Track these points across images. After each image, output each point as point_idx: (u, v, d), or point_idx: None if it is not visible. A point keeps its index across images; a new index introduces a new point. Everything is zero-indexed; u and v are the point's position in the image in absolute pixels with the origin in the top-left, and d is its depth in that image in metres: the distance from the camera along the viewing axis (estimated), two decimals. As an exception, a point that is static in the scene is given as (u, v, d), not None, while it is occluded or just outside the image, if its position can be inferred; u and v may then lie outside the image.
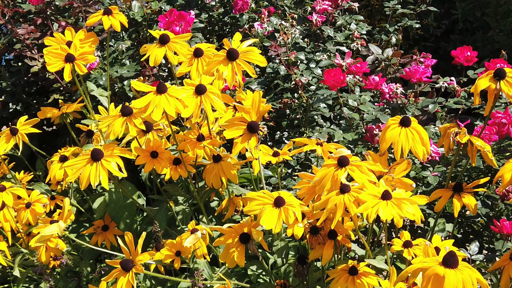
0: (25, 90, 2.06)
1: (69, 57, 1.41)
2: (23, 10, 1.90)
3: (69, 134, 2.10)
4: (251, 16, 1.97)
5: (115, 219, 1.56)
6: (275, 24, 1.97)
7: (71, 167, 1.29)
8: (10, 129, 1.61)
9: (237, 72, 1.33)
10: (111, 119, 1.32)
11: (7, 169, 1.73)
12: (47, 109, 1.64)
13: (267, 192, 1.19)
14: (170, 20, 1.65)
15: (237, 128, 1.21)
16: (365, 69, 1.71)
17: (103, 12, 1.49)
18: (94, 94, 1.57)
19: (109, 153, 1.29)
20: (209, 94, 1.30)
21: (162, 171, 1.38)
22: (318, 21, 2.00)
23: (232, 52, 1.33)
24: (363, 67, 1.70)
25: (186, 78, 1.79)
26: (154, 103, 1.25)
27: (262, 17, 1.83)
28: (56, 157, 1.53)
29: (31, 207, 1.47)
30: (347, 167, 1.14)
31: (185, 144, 1.38)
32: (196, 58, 1.42)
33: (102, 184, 1.26)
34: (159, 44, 1.40)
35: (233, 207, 1.49)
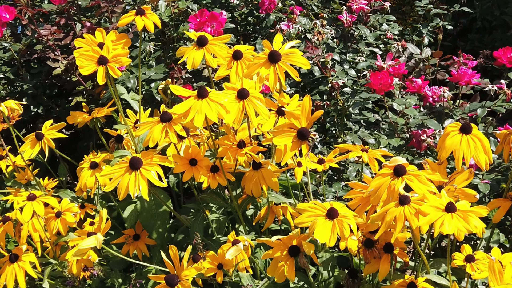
0: (46, 92, 1.99)
1: (102, 59, 1.35)
2: (46, 10, 1.83)
3: (91, 138, 2.04)
4: (277, 16, 1.91)
5: (147, 228, 1.49)
6: (303, 24, 1.91)
7: (108, 176, 1.23)
8: (36, 134, 1.55)
9: (280, 75, 1.27)
10: (149, 125, 1.25)
11: (32, 175, 1.66)
12: (77, 113, 1.58)
13: (318, 203, 1.12)
14: (202, 21, 1.59)
15: (286, 135, 1.15)
16: (403, 71, 1.65)
17: (136, 12, 1.43)
18: (125, 97, 1.51)
19: (148, 161, 1.22)
20: (252, 98, 1.23)
21: (201, 179, 1.31)
22: (349, 21, 1.93)
23: (274, 54, 1.27)
24: (400, 68, 1.64)
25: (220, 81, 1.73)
26: (195, 108, 1.19)
27: (294, 17, 1.76)
28: (86, 163, 1.47)
29: (61, 217, 1.40)
30: (405, 177, 1.08)
31: (225, 150, 1.32)
32: (235, 61, 1.36)
33: (142, 194, 1.20)
34: (197, 46, 1.33)
35: (272, 216, 1.43)
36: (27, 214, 1.34)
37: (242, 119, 1.23)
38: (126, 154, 1.51)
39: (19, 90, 1.99)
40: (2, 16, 1.74)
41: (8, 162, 1.72)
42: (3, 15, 1.75)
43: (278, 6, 1.87)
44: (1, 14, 1.74)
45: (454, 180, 1.11)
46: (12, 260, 1.33)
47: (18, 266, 1.33)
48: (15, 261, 1.34)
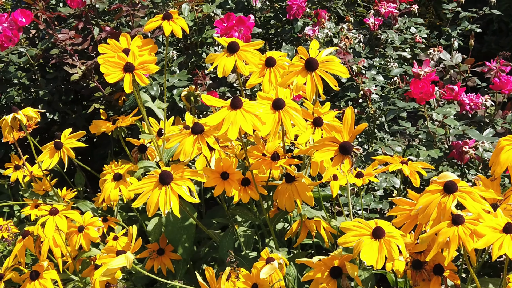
0: (61, 98, 1.93)
1: (129, 66, 1.28)
2: (63, 14, 1.77)
3: (108, 145, 1.97)
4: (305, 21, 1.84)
5: (173, 243, 1.42)
6: (329, 28, 1.84)
7: (136, 191, 1.16)
8: (54, 143, 1.49)
9: (318, 84, 1.20)
10: (180, 137, 1.19)
11: (50, 185, 1.60)
12: (100, 122, 1.51)
13: (363, 221, 1.06)
14: (229, 26, 1.52)
15: (328, 149, 1.08)
16: (433, 77, 1.58)
17: (163, 16, 1.36)
18: (149, 105, 1.44)
19: (179, 175, 1.16)
20: (288, 109, 1.17)
21: (232, 193, 1.25)
22: (375, 24, 1.87)
23: (312, 62, 1.20)
24: (431, 74, 1.57)
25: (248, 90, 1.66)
26: (229, 120, 1.13)
27: (322, 21, 1.69)
28: (109, 175, 1.40)
29: (84, 231, 1.34)
30: (456, 194, 1.01)
31: (259, 163, 1.25)
32: (268, 68, 1.30)
33: (173, 211, 1.13)
34: (228, 52, 1.27)
35: (305, 231, 1.36)
36: (50, 230, 1.27)
37: (278, 130, 1.16)
38: (150, 165, 1.44)
39: (33, 96, 1.92)
40: (18, 20, 1.68)
41: (25, 172, 1.66)
42: (20, 19, 1.68)
43: (306, 12, 1.80)
44: (17, 18, 1.68)
45: (509, 197, 1.05)
46: (33, 278, 1.27)
47: (39, 283, 1.27)
48: (36, 278, 1.27)
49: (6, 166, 1.69)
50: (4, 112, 1.92)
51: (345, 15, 1.93)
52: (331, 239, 1.36)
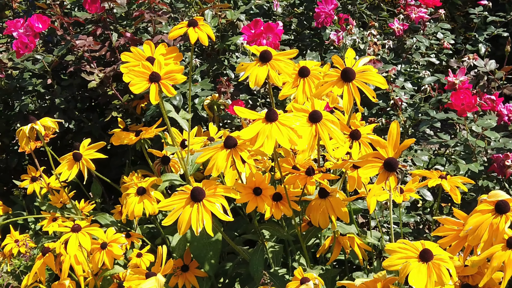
0: (76, 106, 1.87)
1: (154, 76, 1.22)
2: (82, 19, 1.71)
3: (125, 154, 1.92)
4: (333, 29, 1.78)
5: (198, 259, 1.36)
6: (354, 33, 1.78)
7: (166, 208, 1.10)
8: (73, 154, 1.43)
9: (355, 95, 1.14)
10: (212, 151, 1.13)
11: (68, 198, 1.54)
12: (122, 133, 1.45)
13: (409, 242, 1.00)
14: (257, 33, 1.46)
15: (372, 166, 1.02)
16: (467, 85, 1.52)
17: (188, 23, 1.30)
18: (173, 116, 1.38)
19: (212, 192, 1.10)
20: (325, 122, 1.11)
21: (264, 209, 1.19)
22: (400, 30, 1.81)
23: (349, 72, 1.14)
24: (465, 83, 1.51)
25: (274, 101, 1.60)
26: (264, 133, 1.07)
27: (350, 27, 1.63)
28: (132, 189, 1.34)
29: (107, 248, 1.28)
30: (509, 214, 0.95)
31: (293, 178, 1.20)
32: (302, 78, 1.24)
33: (206, 230, 1.07)
34: (260, 62, 1.21)
35: (338, 248, 1.30)
36: (73, 249, 1.21)
37: (316, 145, 1.11)
38: (174, 178, 1.39)
39: (48, 104, 1.86)
40: (34, 26, 1.62)
41: (42, 184, 1.60)
42: (36, 24, 1.62)
43: (334, 20, 1.74)
44: (33, 24, 1.62)
45: None
46: (55, 297, 1.22)
47: (62, 303, 1.21)
48: (58, 298, 1.22)
49: (23, 178, 1.64)
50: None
51: (369, 20, 1.87)
52: (365, 256, 1.30)
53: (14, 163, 1.93)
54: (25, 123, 1.86)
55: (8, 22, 1.65)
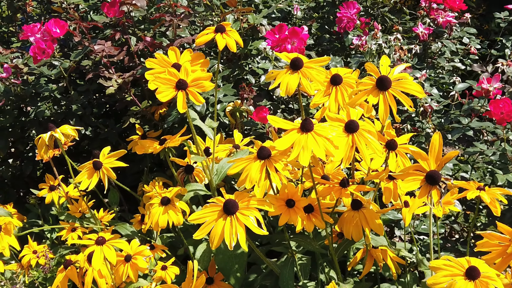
0: (92, 112, 1.83)
1: (182, 83, 1.18)
2: (101, 24, 1.66)
3: (142, 161, 1.87)
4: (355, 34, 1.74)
5: (223, 272, 1.32)
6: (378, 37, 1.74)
7: (197, 221, 1.06)
8: (93, 162, 1.39)
9: (391, 104, 1.10)
10: (245, 161, 1.09)
11: (87, 207, 1.50)
12: (147, 142, 1.41)
13: (453, 259, 0.95)
14: (282, 37, 1.42)
15: (413, 179, 0.98)
16: (496, 92, 1.47)
17: (216, 29, 1.26)
18: (198, 124, 1.34)
19: (245, 204, 1.06)
20: (362, 132, 1.07)
21: (297, 222, 1.15)
22: (425, 34, 1.77)
23: (385, 80, 1.10)
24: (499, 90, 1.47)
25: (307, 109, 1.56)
26: (300, 144, 1.03)
27: (376, 31, 1.59)
28: (156, 199, 1.30)
29: (131, 261, 1.24)
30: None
31: (327, 190, 1.15)
32: (334, 87, 1.20)
33: (240, 244, 1.03)
34: (291, 69, 1.16)
35: (370, 260, 1.26)
36: (98, 262, 1.17)
37: (352, 155, 1.06)
38: (199, 188, 1.34)
39: (63, 110, 1.82)
40: (52, 31, 1.58)
41: (60, 193, 1.56)
42: (53, 29, 1.58)
43: (357, 24, 1.70)
44: (51, 29, 1.58)
45: None
46: (79, 313, 1.17)
47: (85, 319, 1.17)
48: (82, 313, 1.17)
49: (41, 187, 1.59)
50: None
51: (392, 24, 1.83)
52: (398, 270, 1.26)
53: (29, 170, 1.89)
54: (40, 129, 1.83)
55: (25, 27, 1.61)
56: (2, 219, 1.32)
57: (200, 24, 1.77)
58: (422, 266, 1.21)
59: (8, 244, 1.30)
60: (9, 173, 1.93)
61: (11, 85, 1.71)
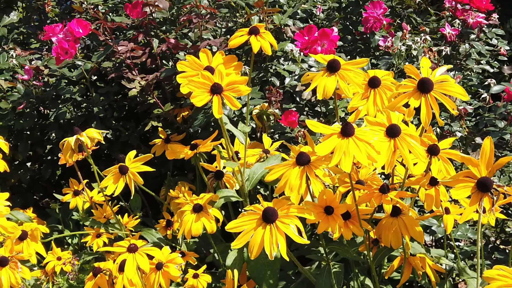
0: (113, 115, 1.79)
1: (216, 87, 1.14)
2: (125, 24, 1.63)
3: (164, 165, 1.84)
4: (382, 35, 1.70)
5: (256, 280, 1.29)
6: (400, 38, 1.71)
7: (235, 230, 1.03)
8: (119, 167, 1.37)
9: (433, 107, 1.07)
10: (283, 168, 1.06)
11: (112, 212, 1.47)
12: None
13: (507, 269, 0.92)
14: (311, 39, 1.38)
15: (464, 186, 0.95)
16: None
17: (249, 31, 1.23)
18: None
19: (284, 212, 1.02)
20: (404, 136, 1.03)
21: (336, 229, 1.11)
22: (452, 35, 1.73)
23: (426, 83, 1.07)
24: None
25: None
26: (341, 149, 0.99)
27: (405, 32, 1.56)
28: (188, 206, 1.27)
29: (163, 269, 1.20)
30: None
31: (367, 196, 1.12)
32: (372, 89, 1.16)
33: (281, 254, 1.00)
34: (328, 72, 1.13)
35: (409, 269, 1.23)
36: (131, 271, 1.14)
37: (395, 161, 1.03)
38: (231, 195, 1.31)
39: (83, 113, 1.79)
40: (75, 31, 1.54)
41: (85, 198, 1.53)
42: (76, 29, 1.55)
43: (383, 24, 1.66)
44: (73, 29, 1.55)
45: None
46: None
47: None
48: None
49: (65, 192, 1.56)
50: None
51: (417, 25, 1.80)
52: (437, 279, 1.23)
53: (48, 174, 1.86)
54: (60, 132, 1.80)
55: (46, 27, 1.58)
56: (28, 225, 1.29)
57: (221, 26, 1.74)
58: (464, 274, 1.17)
59: (34, 251, 1.27)
60: (28, 177, 1.90)
61: (32, 87, 1.68)
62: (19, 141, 1.79)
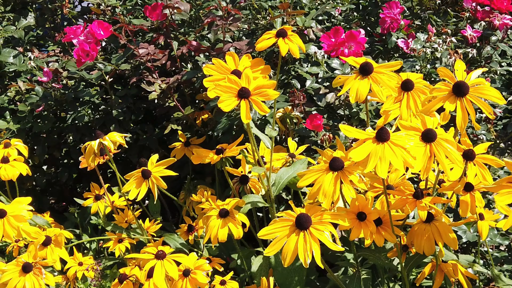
0: (131, 118, 1.77)
1: (244, 92, 1.12)
2: (146, 27, 1.61)
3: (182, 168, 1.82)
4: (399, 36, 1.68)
5: (283, 287, 1.27)
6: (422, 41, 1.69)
7: (267, 236, 1.01)
8: (142, 171, 1.35)
9: (469, 111, 1.04)
10: (316, 173, 1.03)
11: (134, 217, 1.45)
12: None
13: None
14: (338, 41, 1.36)
15: (508, 192, 0.93)
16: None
17: (277, 34, 1.20)
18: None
19: (318, 219, 1.00)
20: (440, 141, 1.01)
21: (368, 235, 1.09)
22: (473, 37, 1.71)
23: (462, 86, 1.05)
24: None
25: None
26: (377, 154, 0.97)
27: (430, 35, 1.54)
28: (214, 211, 1.25)
29: (190, 276, 1.18)
30: None
31: (401, 202, 1.10)
32: (406, 92, 1.14)
33: (316, 261, 0.97)
34: (360, 75, 1.11)
35: (441, 276, 1.20)
36: (159, 278, 1.11)
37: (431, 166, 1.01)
38: (257, 200, 1.29)
39: (101, 116, 1.77)
40: (96, 33, 1.52)
41: (106, 202, 1.51)
42: (98, 32, 1.53)
43: (401, 24, 1.64)
44: (95, 31, 1.53)
45: None
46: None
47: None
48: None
49: (86, 196, 1.54)
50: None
51: (438, 26, 1.77)
52: (470, 286, 1.20)
53: (65, 177, 1.84)
54: (78, 135, 1.78)
55: (67, 29, 1.56)
56: (51, 230, 1.27)
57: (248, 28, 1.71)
58: (499, 282, 1.15)
59: (59, 257, 1.26)
60: (44, 180, 1.88)
61: (51, 90, 1.66)
62: (36, 144, 1.77)
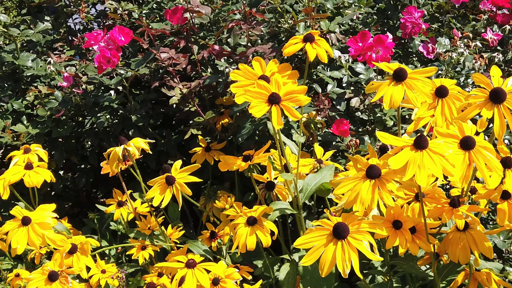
0: (150, 123, 1.76)
1: (274, 97, 1.10)
2: (168, 31, 1.59)
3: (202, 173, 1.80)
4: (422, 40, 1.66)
5: (311, 295, 1.25)
6: (444, 44, 1.67)
7: (303, 246, 0.99)
8: (166, 177, 1.33)
9: (507, 118, 1.03)
10: (352, 181, 1.02)
11: (157, 224, 1.43)
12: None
13: None
14: (366, 46, 1.34)
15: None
16: None
17: (304, 38, 1.19)
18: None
19: (355, 228, 0.98)
20: (479, 149, 0.99)
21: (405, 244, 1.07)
22: (494, 40, 1.69)
23: (500, 93, 1.03)
24: None
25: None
26: (415, 162, 0.95)
27: (455, 39, 1.52)
28: (241, 219, 1.23)
29: (220, 284, 1.16)
30: None
31: (438, 211, 1.08)
32: (440, 99, 1.12)
33: (355, 271, 0.96)
34: (394, 81, 1.09)
35: (474, 284, 1.18)
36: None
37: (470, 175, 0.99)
38: (285, 207, 1.27)
39: (119, 121, 1.75)
40: (117, 39, 1.51)
41: (129, 209, 1.49)
42: (118, 37, 1.51)
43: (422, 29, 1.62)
44: (115, 37, 1.51)
45: None
46: None
47: None
48: None
49: (108, 202, 1.52)
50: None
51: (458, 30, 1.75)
52: (504, 294, 1.19)
53: (82, 183, 1.82)
54: (96, 140, 1.76)
55: (87, 35, 1.54)
56: (77, 238, 1.26)
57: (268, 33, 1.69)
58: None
59: (85, 265, 1.24)
60: (61, 186, 1.86)
61: (71, 95, 1.64)
62: (54, 149, 1.75)
